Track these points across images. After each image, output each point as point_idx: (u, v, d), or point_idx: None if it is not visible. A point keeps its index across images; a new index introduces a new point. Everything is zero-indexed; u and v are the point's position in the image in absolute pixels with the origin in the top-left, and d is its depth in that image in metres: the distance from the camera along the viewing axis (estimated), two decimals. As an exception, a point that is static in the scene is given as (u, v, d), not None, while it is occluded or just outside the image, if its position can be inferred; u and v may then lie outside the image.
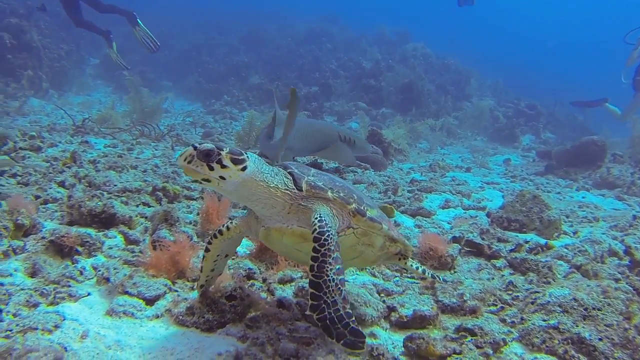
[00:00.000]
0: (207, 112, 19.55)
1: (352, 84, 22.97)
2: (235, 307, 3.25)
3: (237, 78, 23.94)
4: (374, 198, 7.10)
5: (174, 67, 27.19)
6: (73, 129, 11.73)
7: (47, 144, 9.37)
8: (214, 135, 12.97)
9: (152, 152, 10.02)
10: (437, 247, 4.62)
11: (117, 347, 2.91)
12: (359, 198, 2.89)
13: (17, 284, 3.54)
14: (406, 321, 3.57)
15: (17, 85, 17.59)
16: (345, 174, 9.29)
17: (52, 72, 19.89)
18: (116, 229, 4.81)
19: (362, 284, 4.10)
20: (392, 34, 31.63)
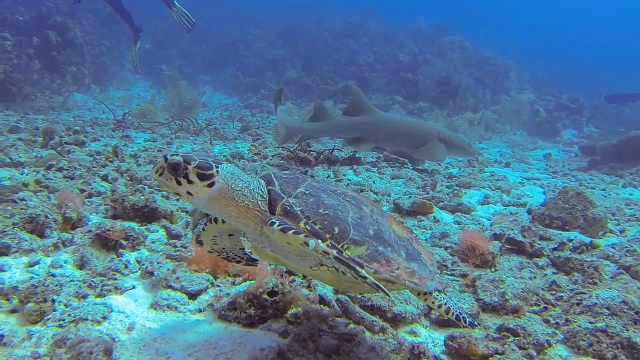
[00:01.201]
0: (244, 106, 19.73)
1: (388, 78, 22.80)
2: (277, 303, 3.29)
3: (274, 72, 24.07)
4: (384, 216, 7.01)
5: (211, 61, 27.54)
6: (114, 123, 12.02)
7: (90, 138, 9.62)
8: (251, 129, 13.07)
9: (190, 146, 10.17)
10: (478, 245, 4.55)
11: (162, 339, 2.98)
12: (341, 231, 2.44)
13: (67, 275, 3.66)
14: (447, 319, 3.53)
15: (62, 80, 18.15)
16: (383, 168, 9.23)
17: (94, 68, 20.44)
18: (158, 223, 4.91)
19: (401, 281, 4.07)
20: (429, 27, 31.20)
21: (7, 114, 12.81)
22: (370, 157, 10.38)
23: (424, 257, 2.83)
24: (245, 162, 8.38)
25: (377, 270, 2.47)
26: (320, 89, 20.89)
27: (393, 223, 2.87)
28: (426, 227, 5.78)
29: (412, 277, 2.61)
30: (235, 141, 11.39)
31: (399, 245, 2.67)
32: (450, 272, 4.39)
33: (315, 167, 8.45)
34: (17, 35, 19.27)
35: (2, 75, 14.22)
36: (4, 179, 6.18)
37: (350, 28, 30.45)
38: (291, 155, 8.59)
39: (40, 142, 8.64)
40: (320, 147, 10.22)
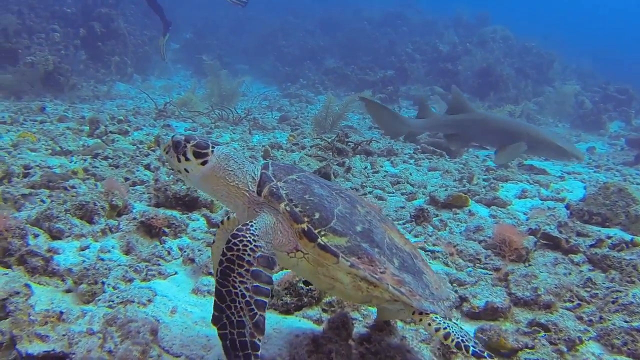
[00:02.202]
0: (283, 95, 19.90)
1: (428, 68, 22.61)
2: (312, 291, 3.42)
3: (313, 61, 24.16)
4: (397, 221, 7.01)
5: (251, 50, 27.81)
6: (156, 112, 12.36)
7: (133, 127, 9.95)
8: (289, 119, 13.21)
9: (230, 135, 10.39)
10: (512, 239, 4.56)
11: (203, 323, 3.15)
12: (322, 218, 2.42)
13: (114, 259, 3.88)
14: (478, 312, 3.60)
15: (106, 70, 18.73)
16: (420, 160, 9.25)
17: (137, 58, 20.99)
18: (199, 212, 5.11)
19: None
20: (470, 16, 30.63)
21: (56, 103, 13.34)
22: (408, 149, 10.39)
23: (427, 278, 2.69)
24: (284, 152, 8.52)
25: (355, 265, 2.39)
26: (359, 79, 20.86)
27: (393, 233, 2.73)
28: (461, 220, 5.81)
29: (400, 286, 2.47)
30: (274, 131, 11.56)
31: (393, 253, 2.57)
32: (484, 266, 4.43)
33: (353, 158, 8.53)
34: (65, 27, 19.96)
35: (51, 65, 14.79)
36: (54, 166, 6.50)
37: (390, 17, 30.20)
38: (329, 146, 8.68)
39: (87, 131, 9.00)
40: (358, 138, 10.28)
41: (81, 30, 19.41)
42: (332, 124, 11.50)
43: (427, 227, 5.44)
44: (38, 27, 19.43)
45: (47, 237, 4.16)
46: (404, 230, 5.39)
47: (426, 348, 3.20)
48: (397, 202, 6.55)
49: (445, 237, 5.11)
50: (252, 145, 9.29)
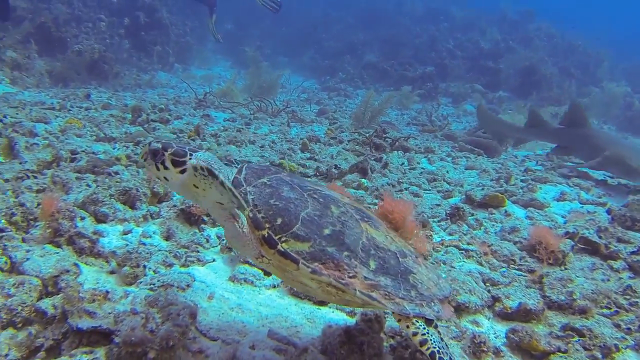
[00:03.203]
0: (322, 88, 19.94)
1: (468, 65, 22.29)
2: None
3: (353, 56, 24.09)
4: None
5: (291, 43, 27.92)
6: (196, 102, 12.58)
7: (174, 116, 10.16)
8: (328, 112, 13.25)
9: (268, 127, 10.50)
10: (548, 242, 4.52)
11: (239, 309, 3.26)
12: (284, 224, 2.38)
13: (155, 244, 4.03)
14: (510, 313, 3.60)
15: (148, 59, 19.16)
16: (458, 158, 9.18)
17: (178, 47, 21.37)
18: (237, 201, 5.21)
19: (468, 271, 4.15)
20: (514, 13, 29.96)
21: (100, 91, 13.73)
22: (446, 147, 10.32)
23: (416, 277, 2.57)
24: (322, 146, 8.58)
25: (317, 271, 2.34)
26: (398, 75, 20.73)
27: (377, 232, 2.61)
28: (496, 220, 5.77)
29: (371, 290, 2.39)
30: (312, 124, 11.62)
31: (370, 254, 2.47)
32: (518, 267, 4.41)
33: (390, 154, 8.53)
34: (110, 16, 20.47)
35: (97, 54, 15.22)
36: (99, 152, 6.73)
37: (432, 13, 29.89)
38: (367, 140, 8.70)
39: (130, 119, 9.25)
40: (396, 134, 10.26)
41: (126, 20, 19.88)
42: (371, 119, 11.50)
43: (462, 226, 5.44)
44: (85, 17, 19.99)
45: (92, 220, 4.35)
46: (438, 228, 5.40)
47: (457, 345, 3.23)
48: (433, 199, 6.55)
49: (480, 236, 5.10)
50: (290, 137, 9.38)
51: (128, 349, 2.45)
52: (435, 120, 13.77)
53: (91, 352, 2.50)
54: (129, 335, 2.48)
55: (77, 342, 2.64)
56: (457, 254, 4.58)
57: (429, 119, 13.93)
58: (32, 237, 3.87)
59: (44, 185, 4.91)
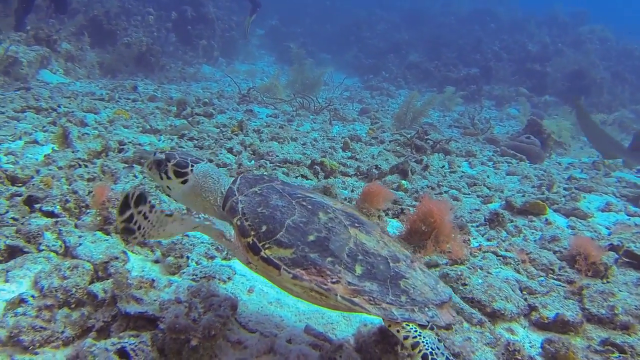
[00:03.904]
0: (364, 87, 19.94)
1: (514, 68, 21.91)
2: (382, 285, 3.52)
3: (396, 55, 24.01)
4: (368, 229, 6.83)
5: (334, 40, 27.99)
6: (239, 97, 12.79)
7: (217, 110, 10.36)
8: (370, 112, 13.26)
9: (310, 125, 10.60)
10: (590, 253, 4.44)
11: (277, 303, 3.35)
12: (268, 231, 2.46)
13: (198, 237, 4.16)
14: (547, 323, 3.57)
15: (194, 53, 19.55)
16: (499, 163, 9.08)
17: (223, 42, 21.73)
18: (279, 198, 5.31)
19: (505, 278, 4.13)
20: (566, 14, 29.20)
21: (146, 83, 14.11)
22: (487, 151, 10.21)
23: (408, 282, 2.54)
24: (363, 146, 8.63)
25: (298, 276, 2.39)
26: (442, 76, 20.56)
27: (367, 237, 2.62)
28: (536, 228, 5.70)
29: (354, 295, 2.40)
30: (354, 123, 11.67)
31: (357, 260, 2.49)
32: (557, 277, 4.36)
33: (431, 156, 8.51)
34: (158, 10, 20.99)
35: (145, 46, 15.65)
36: (145, 144, 6.95)
37: (478, 14, 29.46)
38: (408, 142, 8.70)
39: (175, 112, 9.49)
40: (437, 136, 10.21)
41: (173, 14, 20.35)
42: (413, 120, 11.47)
43: (500, 232, 5.40)
44: (135, 10, 20.56)
45: (139, 210, 4.51)
46: (477, 233, 5.38)
47: (490, 351, 3.24)
48: (472, 204, 6.51)
49: (519, 243, 5.05)
50: (331, 136, 9.45)
51: (172, 335, 2.57)
52: (477, 123, 13.61)
53: (137, 335, 2.62)
54: (174, 323, 2.59)
55: (125, 325, 2.78)
56: (494, 260, 4.55)
57: (472, 122, 13.77)
58: (83, 224, 4.07)
59: (94, 174, 5.13)
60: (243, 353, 2.84)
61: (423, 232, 4.53)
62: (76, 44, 14.19)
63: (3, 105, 8.09)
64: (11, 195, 4.33)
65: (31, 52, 11.72)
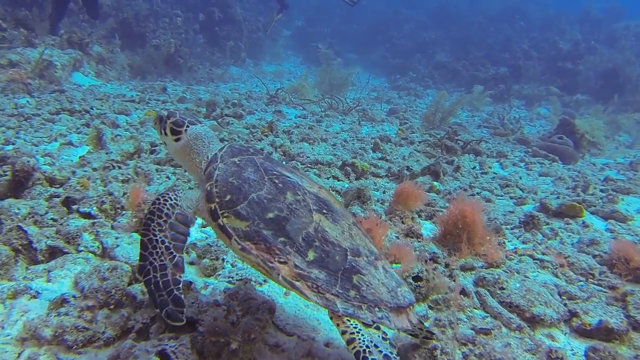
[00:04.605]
0: (392, 87, 19.81)
1: (544, 67, 21.50)
2: (420, 288, 3.48)
3: (424, 55, 23.82)
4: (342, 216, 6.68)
5: (361, 40, 27.90)
6: (268, 97, 12.82)
7: (247, 111, 10.40)
8: (398, 112, 13.16)
9: (339, 125, 10.57)
10: (632, 257, 4.31)
11: (314, 307, 3.33)
12: (231, 201, 2.52)
13: (233, 238, 4.17)
14: (590, 330, 3.47)
15: (221, 54, 19.69)
16: (531, 164, 8.92)
17: (250, 43, 21.81)
18: (311, 200, 5.29)
19: (543, 282, 4.04)
20: (599, 10, 28.48)
21: (175, 84, 14.27)
22: (519, 152, 10.04)
23: (363, 279, 2.47)
24: (393, 146, 8.56)
25: (246, 249, 2.43)
26: (470, 75, 20.30)
27: (333, 226, 2.58)
28: (573, 231, 5.56)
29: (296, 279, 2.38)
30: (382, 123, 11.59)
31: (313, 246, 2.46)
32: (598, 282, 4.24)
33: (462, 157, 8.40)
34: (186, 12, 21.21)
35: (173, 48, 15.82)
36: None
37: (507, 12, 29.03)
38: (438, 142, 8.61)
39: (204, 113, 9.56)
40: (467, 136, 10.08)
41: (201, 15, 20.54)
42: (441, 120, 11.34)
43: (536, 235, 5.29)
44: (163, 12, 20.81)
45: (173, 212, 4.54)
46: (512, 236, 5.28)
47: (532, 358, 3.17)
48: (506, 205, 6.40)
49: (556, 247, 4.94)
50: (361, 136, 9.41)
51: (212, 338, 2.57)
52: (507, 124, 13.40)
53: (177, 338, 2.63)
54: (213, 325, 2.59)
55: (164, 327, 2.79)
56: (531, 264, 4.46)
57: (501, 122, 13.56)
58: (119, 225, 4.12)
59: (128, 176, 5.18)
60: (281, 356, 2.83)
61: (458, 234, 4.47)
62: (107, 47, 14.42)
63: (39, 108, 8.27)
64: (50, 197, 4.41)
65: (64, 55, 11.97)
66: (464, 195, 6.15)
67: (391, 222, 4.79)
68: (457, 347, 3.08)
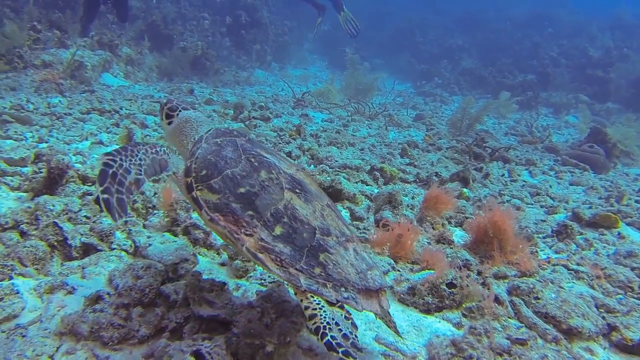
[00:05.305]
0: (417, 93, 19.67)
1: (573, 74, 21.14)
2: (454, 295, 3.42)
3: (450, 61, 23.64)
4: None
5: (387, 45, 27.82)
6: (294, 101, 12.83)
7: (274, 114, 10.41)
8: (425, 118, 13.05)
9: (366, 130, 10.52)
10: (672, 270, 4.19)
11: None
12: (206, 176, 2.63)
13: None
14: (632, 345, 3.36)
15: (247, 57, 19.80)
16: (561, 173, 8.75)
17: (276, 46, 21.91)
18: (342, 204, 5.27)
19: (579, 294, 3.94)
20: (632, 16, 27.81)
21: (202, 86, 14.37)
22: (548, 160, 9.87)
23: (330, 257, 2.50)
24: (420, 152, 8.49)
25: (214, 220, 2.52)
26: (496, 82, 20.05)
27: (304, 205, 2.63)
28: (609, 242, 5.42)
29: (260, 251, 2.44)
30: (409, 129, 11.51)
31: (281, 222, 2.52)
32: (637, 296, 4.12)
33: (490, 164, 8.28)
34: (213, 15, 21.40)
35: (200, 50, 15.95)
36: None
37: (535, 18, 28.64)
38: (466, 149, 8.50)
39: (232, 115, 9.59)
40: (495, 143, 9.95)
41: (228, 19, 20.69)
42: (468, 127, 11.21)
43: (569, 245, 5.17)
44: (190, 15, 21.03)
45: (204, 212, 4.55)
46: (544, 245, 5.17)
47: (570, 372, 3.08)
48: (537, 214, 6.28)
49: (591, 257, 4.81)
50: (388, 141, 9.34)
51: (247, 340, 2.54)
52: (535, 131, 13.19)
53: (211, 338, 2.61)
54: (248, 327, 2.57)
55: (197, 327, 2.78)
56: (565, 274, 4.35)
57: (529, 129, 13.36)
58: (151, 224, 4.13)
59: (159, 176, 5.20)
60: (315, 360, 2.79)
61: (489, 241, 4.39)
62: (136, 48, 14.62)
63: (70, 107, 8.39)
64: (83, 194, 4.45)
65: (95, 56, 12.15)
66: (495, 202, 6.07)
67: (422, 228, 4.73)
68: (493, 356, 3.01)
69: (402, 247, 3.98)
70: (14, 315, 2.79)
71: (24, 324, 2.76)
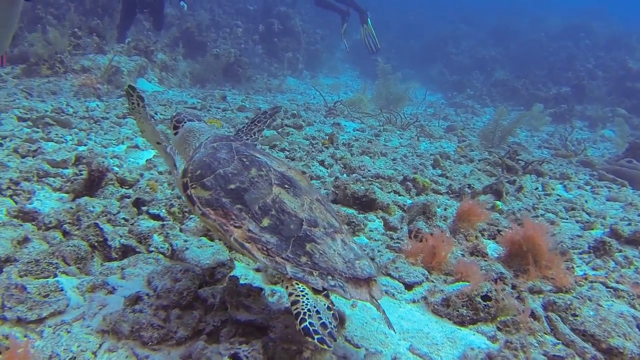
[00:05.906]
0: (449, 104, 19.52)
1: (611, 87, 20.71)
2: (489, 308, 3.38)
3: (482, 72, 23.45)
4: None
5: (419, 55, 27.74)
6: (326, 110, 12.88)
7: (306, 122, 10.47)
8: (456, 129, 12.94)
9: (398, 140, 10.49)
10: None
11: (380, 320, 3.28)
12: (200, 175, 2.77)
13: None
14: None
15: (279, 65, 19.98)
16: (598, 188, 8.57)
17: (308, 55, 22.07)
18: (375, 214, 5.26)
19: (619, 312, 3.84)
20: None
21: (234, 93, 14.55)
22: (583, 174, 9.68)
23: (318, 247, 2.57)
24: (452, 164, 8.42)
25: (206, 214, 2.66)
26: (529, 94, 19.77)
27: (292, 199, 2.72)
28: (650, 260, 5.29)
29: (247, 241, 2.55)
30: (440, 140, 11.43)
31: (269, 214, 2.62)
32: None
33: (523, 177, 8.16)
34: (246, 22, 21.71)
35: (232, 57, 16.17)
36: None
37: (571, 29, 28.18)
38: (498, 161, 8.40)
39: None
40: (528, 156, 9.81)
41: (260, 27, 20.96)
42: (501, 139, 11.07)
43: (608, 262, 5.05)
44: (224, 23, 21.39)
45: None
46: (581, 261, 5.07)
47: (609, 392, 3.01)
48: (572, 229, 6.16)
49: (631, 276, 4.70)
50: (420, 152, 9.30)
51: (284, 345, 2.56)
52: (569, 145, 12.95)
53: (248, 342, 2.63)
54: (286, 333, 2.59)
55: (234, 331, 2.81)
56: (604, 292, 4.25)
57: (563, 142, 13.12)
58: (187, 229, 4.20)
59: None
60: (350, 369, 2.79)
61: (523, 255, 4.32)
62: (170, 55, 14.91)
63: (107, 112, 8.60)
64: (121, 197, 4.55)
65: (131, 62, 12.45)
66: (529, 216, 5.98)
67: (455, 240, 4.69)
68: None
69: (436, 258, 3.95)
70: (59, 311, 2.87)
71: (69, 320, 2.83)
